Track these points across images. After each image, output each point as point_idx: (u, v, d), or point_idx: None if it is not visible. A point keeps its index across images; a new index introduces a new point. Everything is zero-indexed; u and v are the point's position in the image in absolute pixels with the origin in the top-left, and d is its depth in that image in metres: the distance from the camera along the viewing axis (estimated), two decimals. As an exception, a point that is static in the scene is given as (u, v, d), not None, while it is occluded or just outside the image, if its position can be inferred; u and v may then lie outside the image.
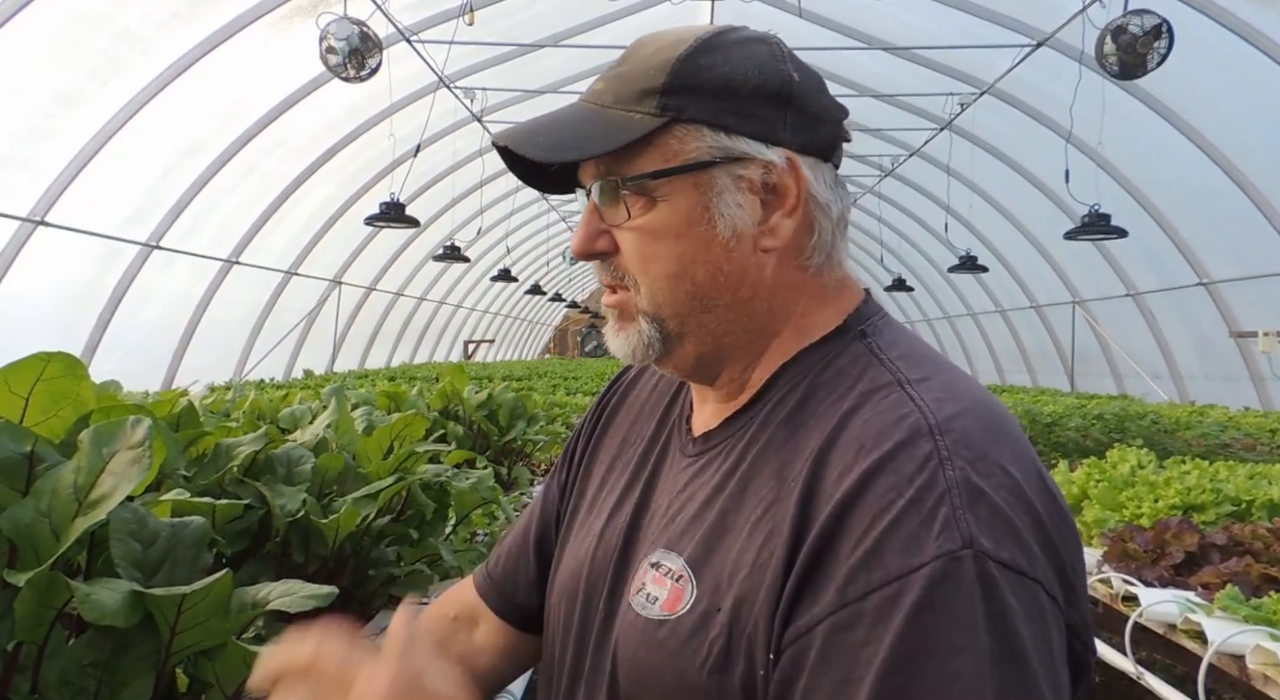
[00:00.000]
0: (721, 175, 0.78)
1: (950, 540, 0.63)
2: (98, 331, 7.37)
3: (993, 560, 0.62)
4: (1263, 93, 6.63)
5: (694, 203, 0.78)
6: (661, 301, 0.80)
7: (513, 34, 8.17)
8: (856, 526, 0.66)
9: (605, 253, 0.82)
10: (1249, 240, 7.76)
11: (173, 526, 0.80)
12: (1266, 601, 1.81)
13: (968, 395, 0.74)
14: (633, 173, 0.78)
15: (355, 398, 3.12)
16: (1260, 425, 5.30)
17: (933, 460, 0.67)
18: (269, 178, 8.55)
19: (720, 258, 0.79)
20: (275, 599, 0.86)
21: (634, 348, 0.82)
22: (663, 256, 0.79)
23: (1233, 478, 2.66)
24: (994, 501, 0.65)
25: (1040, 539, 0.66)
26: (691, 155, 0.78)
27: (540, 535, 1.03)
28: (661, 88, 0.78)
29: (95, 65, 5.95)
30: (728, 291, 0.80)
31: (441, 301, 16.15)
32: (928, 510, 0.64)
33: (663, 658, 0.73)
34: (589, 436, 1.03)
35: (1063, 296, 11.32)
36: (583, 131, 0.79)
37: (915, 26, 8.00)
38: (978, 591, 0.61)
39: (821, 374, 0.79)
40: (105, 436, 0.68)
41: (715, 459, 0.82)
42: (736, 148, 0.78)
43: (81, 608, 0.62)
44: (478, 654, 1.05)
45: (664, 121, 0.77)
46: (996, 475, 0.67)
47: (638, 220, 0.79)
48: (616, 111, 0.79)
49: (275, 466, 1.37)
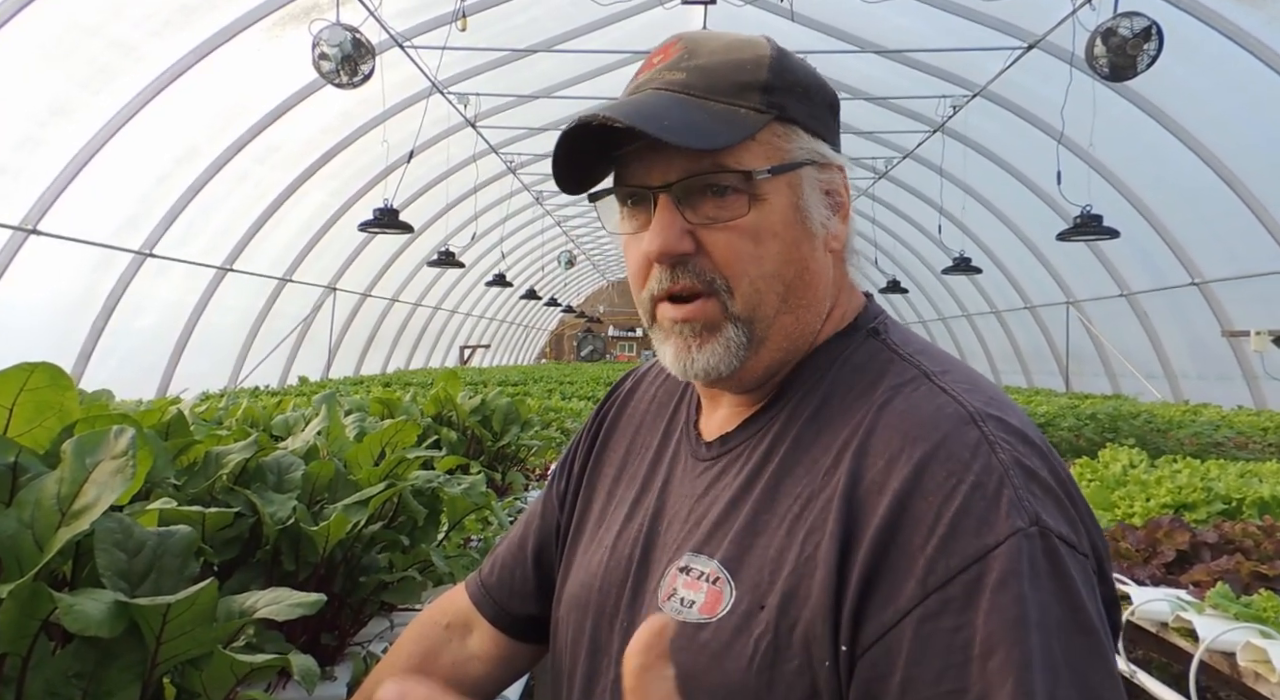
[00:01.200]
0: (809, 176, 0.80)
1: (1020, 518, 0.65)
2: (91, 340, 7.35)
3: (1055, 536, 0.65)
4: (1251, 93, 6.67)
5: (789, 202, 0.79)
6: (757, 304, 0.78)
7: (506, 39, 8.18)
8: (924, 516, 0.66)
9: (688, 254, 0.77)
10: (1240, 240, 7.80)
11: (159, 535, 0.80)
12: (1257, 599, 1.82)
13: (986, 386, 0.77)
14: (741, 168, 0.76)
15: (349, 404, 3.11)
16: (1253, 424, 5.32)
17: (983, 445, 0.69)
18: (262, 184, 8.54)
19: (808, 257, 0.80)
20: (263, 607, 0.86)
21: (720, 360, 0.78)
22: (763, 257, 0.77)
23: (1223, 476, 2.67)
24: (1045, 481, 0.68)
25: (1081, 515, 0.69)
26: (790, 154, 0.78)
27: (539, 546, 1.03)
28: (764, 84, 0.78)
29: (87, 73, 5.94)
30: (810, 292, 0.80)
31: (437, 307, 16.14)
32: (992, 492, 0.66)
33: (705, 660, 0.72)
34: (589, 448, 1.02)
35: (1057, 297, 11.35)
36: (697, 120, 0.75)
37: (907, 29, 8.03)
38: (1046, 565, 0.64)
39: (840, 371, 0.80)
40: (88, 446, 0.68)
41: (737, 461, 0.81)
42: (820, 151, 0.81)
43: (65, 618, 0.62)
44: (470, 662, 1.05)
45: (770, 118, 0.77)
46: (1037, 457, 0.70)
47: (741, 219, 0.77)
48: (718, 104, 0.76)
49: (265, 474, 1.37)
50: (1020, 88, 8.21)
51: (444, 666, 1.04)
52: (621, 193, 0.82)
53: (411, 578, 1.52)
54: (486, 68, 8.74)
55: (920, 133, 10.25)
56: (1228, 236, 8.02)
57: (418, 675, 1.03)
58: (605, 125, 0.73)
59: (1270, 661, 1.63)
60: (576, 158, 0.80)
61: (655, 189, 0.78)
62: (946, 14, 7.33)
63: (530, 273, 19.99)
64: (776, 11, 7.61)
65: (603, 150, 0.80)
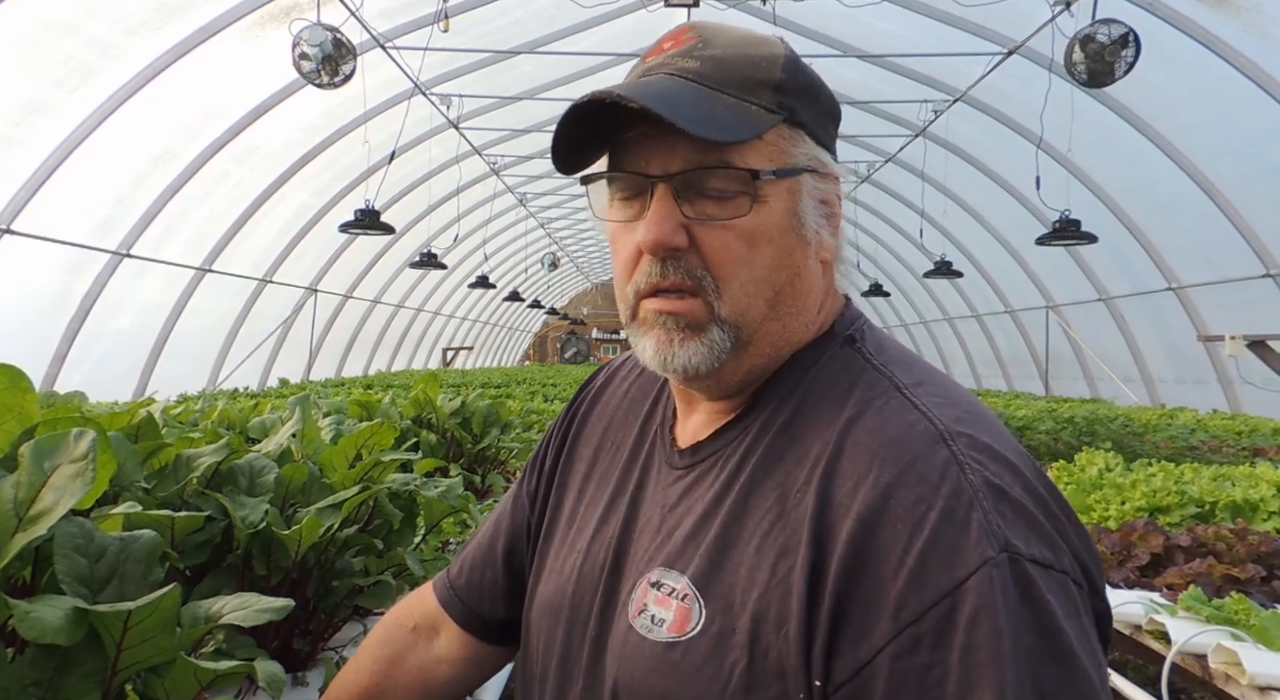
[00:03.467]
0: (808, 183, 0.78)
1: (990, 546, 0.63)
2: (66, 341, 7.26)
3: (1026, 559, 0.63)
4: (1227, 100, 6.75)
5: (788, 207, 0.77)
6: (745, 307, 0.76)
7: (489, 41, 8.16)
8: (894, 543, 0.65)
9: (681, 248, 0.75)
10: (1216, 245, 7.89)
11: (122, 541, 0.78)
12: (1228, 602, 1.84)
13: (961, 398, 0.75)
14: (742, 165, 0.74)
15: (327, 406, 3.09)
16: (1228, 427, 5.38)
17: (952, 466, 0.67)
18: (242, 185, 8.47)
19: (800, 265, 0.78)
20: (229, 613, 0.85)
21: (701, 359, 0.77)
22: (756, 260, 0.76)
23: (1197, 480, 2.70)
24: (1015, 500, 0.66)
25: (1059, 530, 0.67)
26: (793, 159, 0.77)
27: (509, 546, 1.01)
28: (777, 83, 0.76)
29: (64, 72, 5.87)
30: (799, 300, 0.79)
31: (419, 309, 16.07)
32: (960, 519, 0.64)
33: (677, 682, 0.71)
34: (560, 445, 1.00)
35: (1036, 301, 11.44)
36: (711, 110, 0.72)
37: (889, 34, 8.08)
38: (1017, 594, 0.62)
39: (814, 381, 0.78)
40: (47, 450, 0.67)
41: (709, 472, 0.79)
42: (821, 159, 0.79)
43: (20, 626, 0.61)
44: (438, 665, 1.03)
45: (779, 119, 0.75)
46: (1009, 474, 0.68)
47: (739, 219, 0.75)
48: (732, 98, 0.74)
49: (238, 477, 1.36)
50: (1000, 93, 8.27)
51: (410, 670, 1.03)
52: (619, 179, 0.78)
53: (386, 582, 1.51)
54: (469, 69, 8.71)
55: (902, 137, 10.31)
56: (1204, 242, 8.12)
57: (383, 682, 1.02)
58: (618, 104, 0.70)
59: (1241, 664, 1.64)
60: (577, 137, 0.77)
61: (656, 178, 0.75)
62: (928, 19, 7.39)
63: (514, 275, 19.94)
64: (759, 15, 7.63)
65: (605, 133, 0.77)
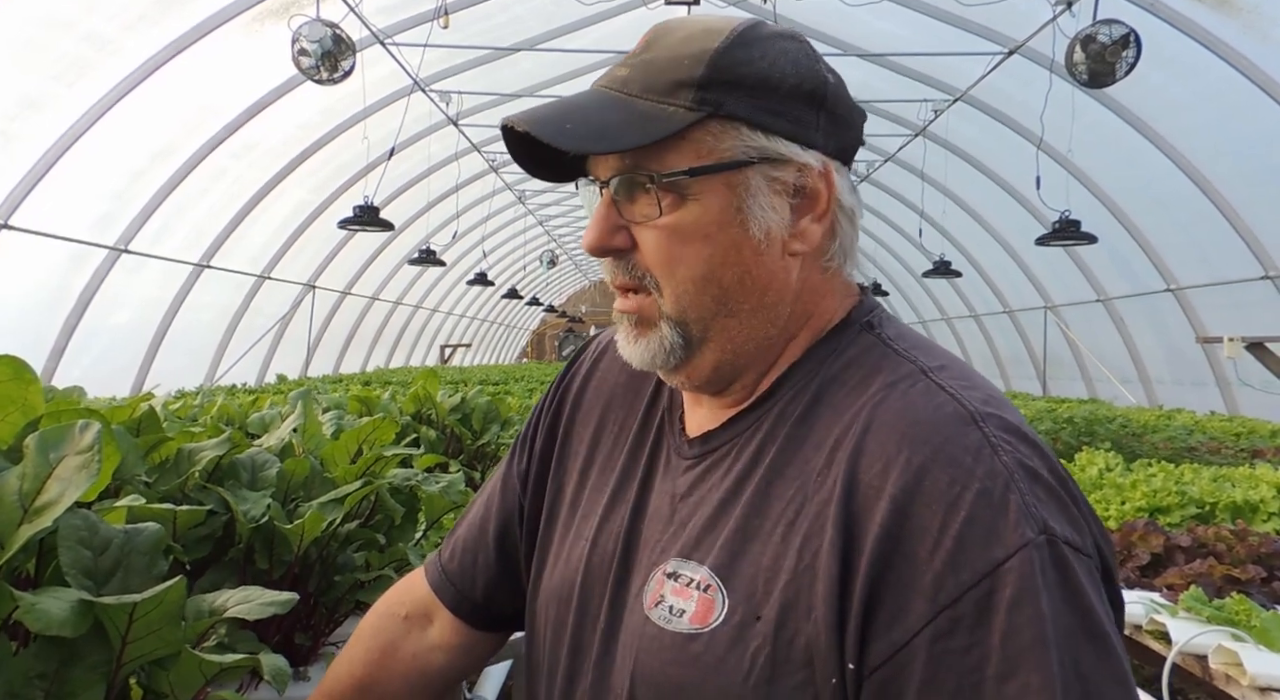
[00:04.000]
0: (756, 176, 0.75)
1: (1029, 528, 0.63)
2: (64, 337, 7.24)
3: (1062, 542, 0.64)
4: (1227, 101, 6.76)
5: (726, 203, 0.75)
6: (687, 305, 0.76)
7: (488, 37, 8.15)
8: (929, 525, 0.64)
9: (622, 250, 0.78)
10: (1216, 247, 7.90)
11: (126, 533, 0.78)
12: (1229, 602, 1.84)
13: (981, 382, 0.74)
14: (664, 168, 0.74)
15: (327, 402, 3.08)
16: (1226, 429, 5.39)
17: (985, 447, 0.66)
18: (241, 181, 8.46)
19: (750, 261, 0.76)
20: (233, 606, 0.85)
21: (654, 355, 0.78)
22: (690, 258, 0.75)
23: (1197, 481, 2.70)
24: (1048, 482, 0.66)
25: (1084, 514, 0.68)
26: (728, 153, 0.74)
27: (501, 528, 0.98)
28: (699, 81, 0.73)
29: (61, 68, 5.85)
30: (755, 295, 0.77)
31: (418, 306, 16.06)
32: (998, 499, 0.64)
33: (699, 673, 0.70)
34: (552, 424, 0.97)
35: (1035, 301, 11.45)
36: (612, 121, 0.74)
37: (890, 33, 8.08)
38: (1057, 576, 0.62)
39: (832, 367, 0.77)
40: (51, 441, 0.67)
41: (723, 461, 0.78)
42: (773, 148, 0.75)
43: (25, 618, 0.61)
44: (432, 653, 1.01)
45: (700, 116, 0.73)
46: (1038, 457, 0.68)
47: (665, 218, 0.75)
48: (647, 102, 0.74)
49: (239, 471, 1.35)
50: (1001, 93, 8.28)
51: (404, 659, 1.01)
52: (583, 182, 0.82)
53: (388, 577, 1.50)
54: (469, 66, 8.70)
55: (902, 136, 10.31)
56: (1203, 243, 8.13)
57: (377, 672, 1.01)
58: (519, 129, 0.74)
59: (1241, 664, 1.64)
60: (534, 153, 0.78)
61: (601, 183, 0.78)
62: (928, 18, 7.39)
63: (512, 272, 19.93)
64: (759, 13, 7.63)
65: None
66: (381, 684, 1.00)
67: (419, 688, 1.02)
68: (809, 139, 0.76)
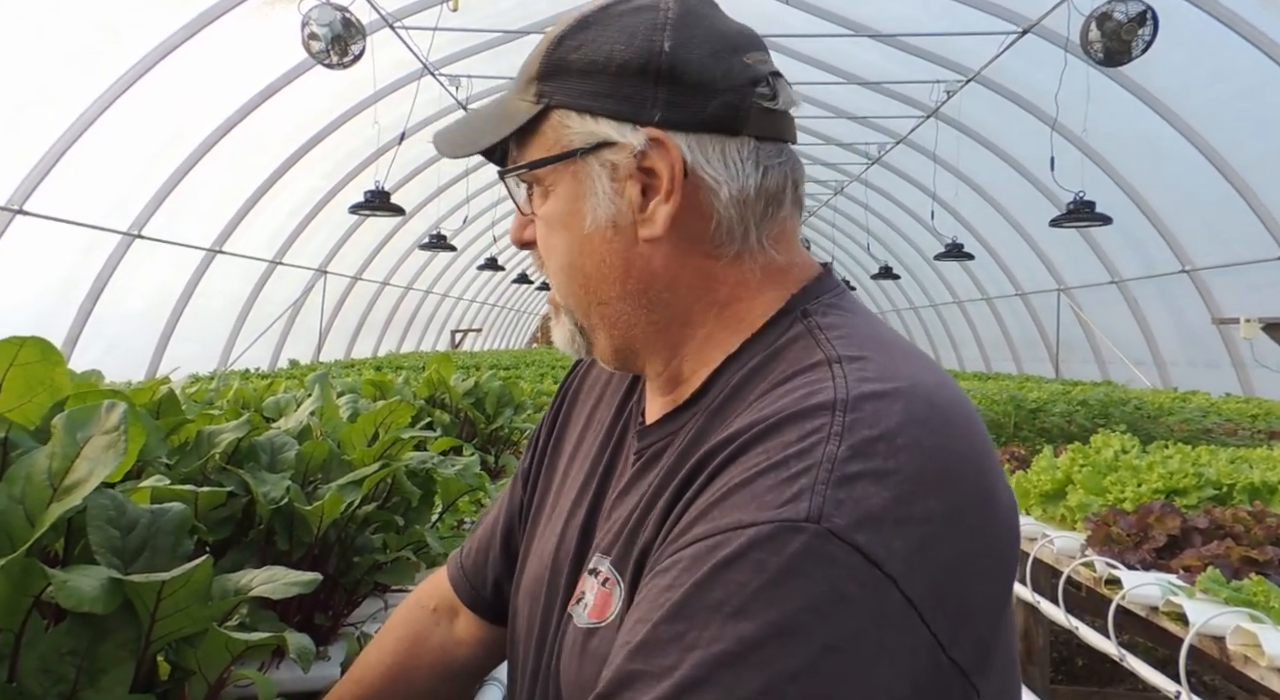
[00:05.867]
0: (593, 163, 0.73)
1: (794, 510, 0.56)
2: (79, 322, 7.29)
3: (841, 540, 0.55)
4: (1246, 80, 6.67)
5: (573, 192, 0.75)
6: (565, 293, 0.79)
7: (498, 21, 8.12)
8: (717, 485, 0.62)
9: (531, 242, 0.82)
10: (1232, 227, 7.82)
11: (152, 513, 0.79)
12: (1247, 583, 1.83)
13: (906, 378, 0.65)
14: (509, 165, 0.79)
15: (340, 386, 3.10)
16: (1241, 411, 5.36)
17: (818, 434, 0.60)
18: (252, 166, 8.47)
19: (601, 249, 0.75)
20: (258, 586, 0.85)
21: (564, 340, 0.82)
22: (557, 248, 0.77)
23: (1214, 462, 2.69)
24: (869, 488, 0.57)
25: (918, 542, 0.57)
26: (566, 143, 0.74)
27: (507, 528, 1.01)
28: (537, 73, 0.75)
29: (73, 53, 5.87)
30: (615, 284, 0.75)
31: (428, 291, 16.08)
32: (786, 477, 0.58)
33: (594, 669, 0.66)
34: (551, 425, 1.00)
35: (1048, 284, 11.38)
36: (480, 124, 0.80)
37: (901, 14, 8.00)
38: (802, 564, 0.55)
39: (760, 359, 0.73)
40: (79, 421, 0.67)
41: (659, 457, 0.76)
42: (600, 131, 0.72)
43: (59, 594, 0.61)
44: (458, 646, 1.04)
45: (540, 109, 0.74)
46: (892, 463, 0.58)
47: (540, 209, 0.78)
48: (512, 100, 0.78)
49: (259, 454, 1.36)
50: (1014, 73, 8.19)
51: (433, 650, 1.03)
52: None
53: (405, 558, 1.51)
54: (478, 49, 8.66)
55: (913, 118, 10.23)
56: (1219, 224, 8.05)
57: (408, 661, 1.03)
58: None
59: (1260, 645, 1.64)
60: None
61: None
62: (941, -2, 7.32)
63: (522, 257, 19.92)
64: (771, -6, 7.56)
65: None
66: (410, 673, 1.02)
67: (445, 679, 1.05)
68: (640, 116, 0.72)
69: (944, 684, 0.57)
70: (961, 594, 0.58)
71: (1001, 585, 0.62)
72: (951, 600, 0.57)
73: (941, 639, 0.56)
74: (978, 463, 0.63)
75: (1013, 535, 0.66)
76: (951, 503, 0.60)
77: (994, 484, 0.64)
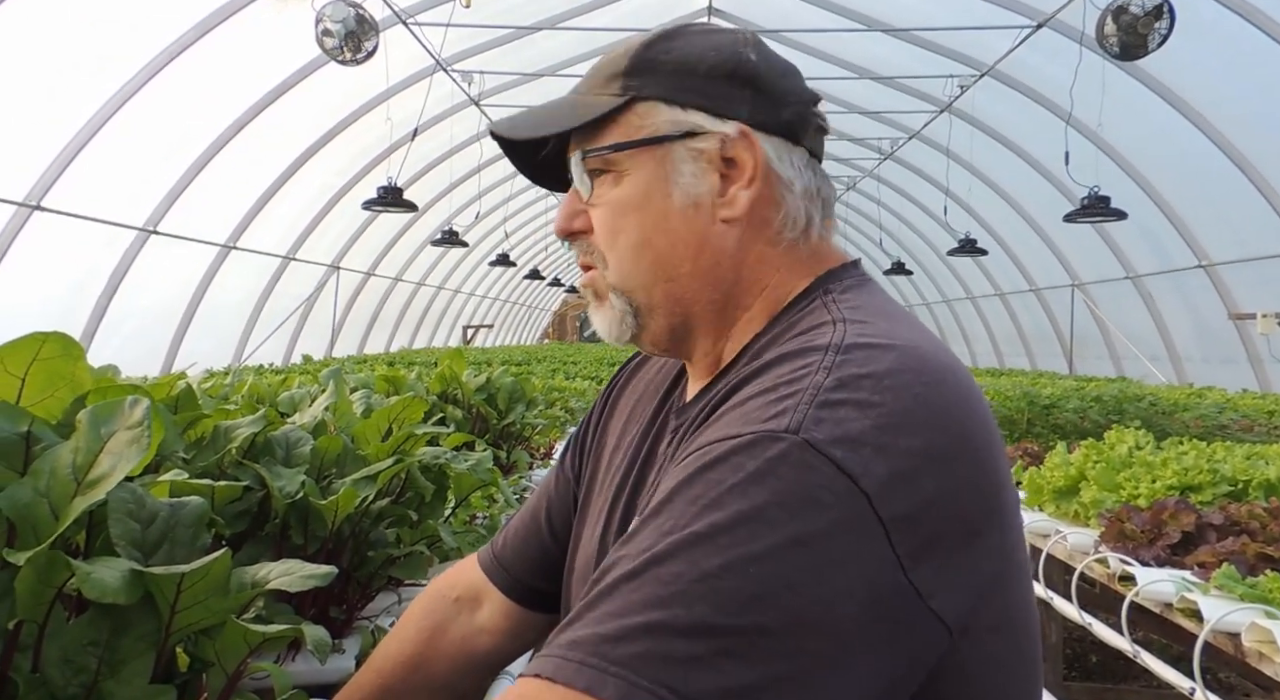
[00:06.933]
0: (679, 148, 0.81)
1: (776, 422, 0.61)
2: (95, 318, 7.36)
3: (818, 451, 0.58)
4: (1264, 73, 6.61)
5: (653, 175, 0.82)
6: (627, 272, 0.83)
7: (510, 17, 8.12)
8: (715, 417, 0.69)
9: (582, 231, 0.86)
10: (1249, 222, 7.75)
11: (171, 507, 0.80)
12: (1262, 580, 1.82)
13: (905, 340, 0.68)
14: (585, 148, 0.84)
15: (354, 381, 3.11)
16: (1258, 407, 5.31)
17: (809, 368, 0.65)
18: (266, 162, 8.51)
19: (679, 227, 0.82)
20: (275, 578, 0.86)
21: (610, 324, 0.85)
22: (627, 228, 0.82)
23: (1230, 458, 2.67)
24: (851, 413, 0.61)
25: (897, 471, 0.59)
26: (650, 130, 0.82)
27: (553, 515, 1.03)
28: (624, 70, 0.83)
29: (88, 51, 5.91)
30: (688, 260, 0.82)
31: (440, 287, 16.13)
32: (773, 399, 0.64)
33: None
34: (598, 421, 1.04)
35: (1062, 279, 11.31)
36: (555, 114, 0.85)
37: (914, 8, 7.96)
38: (778, 467, 0.58)
39: (782, 329, 0.79)
40: (103, 416, 0.68)
41: (688, 436, 0.80)
42: (690, 121, 0.81)
43: (82, 586, 0.62)
44: (480, 635, 1.05)
45: (625, 100, 0.82)
46: (877, 398, 0.61)
47: (607, 195, 0.83)
48: (588, 96, 0.85)
49: (274, 448, 1.37)
50: (1029, 67, 8.14)
51: (453, 640, 1.05)
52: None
53: (419, 553, 1.53)
54: (491, 45, 8.67)
55: (927, 113, 10.18)
56: (1236, 219, 7.98)
57: (425, 651, 1.04)
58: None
59: (1275, 642, 1.63)
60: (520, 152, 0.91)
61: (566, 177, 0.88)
62: (955, -8, 7.27)
63: (534, 252, 19.95)
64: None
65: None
66: (429, 663, 1.04)
67: (465, 670, 1.06)
68: (730, 111, 0.81)
69: (901, 603, 0.58)
70: (934, 530, 0.60)
71: (982, 553, 0.63)
72: (922, 531, 0.59)
73: (904, 560, 0.58)
74: (971, 426, 0.65)
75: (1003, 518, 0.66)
76: (937, 447, 0.62)
77: (991, 455, 0.66)
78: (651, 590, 0.56)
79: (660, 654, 0.54)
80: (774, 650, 0.54)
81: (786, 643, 0.54)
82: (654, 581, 0.57)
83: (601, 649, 0.55)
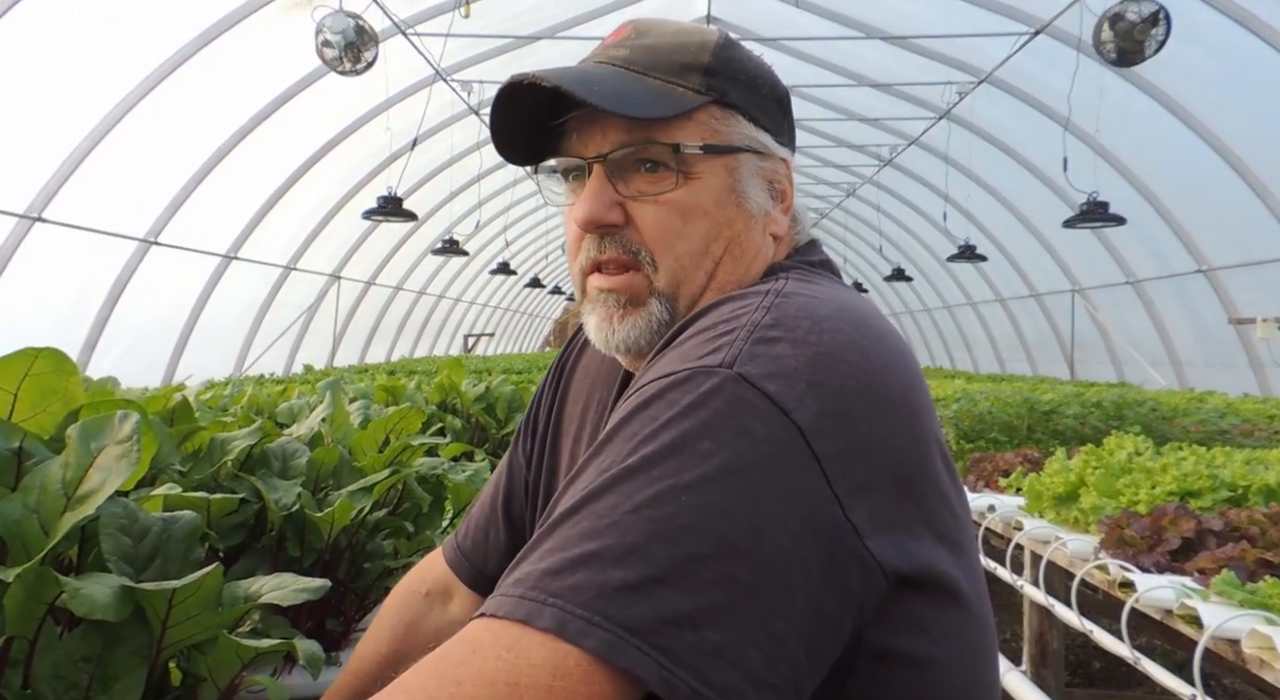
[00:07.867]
0: (749, 161, 0.82)
1: (711, 358, 0.62)
2: (96, 329, 7.36)
3: (751, 384, 0.59)
4: (1260, 79, 6.62)
5: (724, 183, 0.80)
6: (682, 280, 0.79)
7: (509, 26, 8.15)
8: (658, 359, 0.70)
9: (616, 225, 0.79)
10: (1248, 227, 7.75)
11: (164, 521, 0.80)
12: (1262, 586, 1.81)
13: (845, 303, 0.70)
14: (668, 141, 0.78)
15: (353, 392, 3.11)
16: (1259, 411, 5.30)
17: (747, 308, 0.67)
18: (266, 173, 8.53)
19: (740, 235, 0.81)
20: (268, 592, 0.86)
21: (640, 334, 0.80)
22: (689, 233, 0.79)
23: (1229, 464, 2.66)
24: (786, 350, 0.62)
25: (830, 408, 0.60)
26: (730, 137, 0.80)
27: (509, 504, 1.03)
28: (706, 66, 0.79)
29: (89, 61, 5.93)
30: (741, 269, 0.81)
31: (441, 296, 16.14)
32: (710, 338, 0.65)
33: None
34: (550, 404, 1.01)
35: (1062, 285, 11.31)
36: (629, 91, 0.76)
37: (913, 15, 7.97)
38: (711, 399, 0.60)
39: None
40: (93, 431, 0.68)
41: None
42: (761, 140, 0.82)
43: (71, 602, 0.62)
44: (453, 627, 1.04)
45: (709, 100, 0.79)
46: (814, 338, 0.63)
47: (672, 194, 0.78)
48: (657, 80, 0.79)
49: (270, 460, 1.37)
50: (1027, 74, 8.15)
51: (427, 635, 1.04)
52: (560, 164, 0.84)
53: (415, 563, 1.52)
54: (490, 55, 8.70)
55: (926, 119, 10.19)
56: (1235, 223, 7.97)
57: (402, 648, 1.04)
58: (536, 85, 0.74)
59: (1275, 648, 1.63)
60: (516, 130, 0.81)
61: (589, 160, 0.79)
62: (952, -1, 7.29)
63: (535, 261, 19.96)
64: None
65: (540, 121, 0.81)
66: (407, 660, 1.03)
67: None
68: (780, 138, 0.85)
69: (838, 538, 0.58)
70: (870, 472, 0.60)
71: (919, 506, 0.64)
72: (858, 471, 0.60)
73: (841, 497, 0.59)
74: (907, 382, 0.66)
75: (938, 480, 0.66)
76: (873, 394, 0.63)
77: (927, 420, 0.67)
78: (589, 524, 0.57)
79: (595, 583, 0.54)
80: (706, 578, 0.54)
81: (719, 570, 0.55)
82: (591, 515, 0.58)
83: (542, 582, 0.56)
